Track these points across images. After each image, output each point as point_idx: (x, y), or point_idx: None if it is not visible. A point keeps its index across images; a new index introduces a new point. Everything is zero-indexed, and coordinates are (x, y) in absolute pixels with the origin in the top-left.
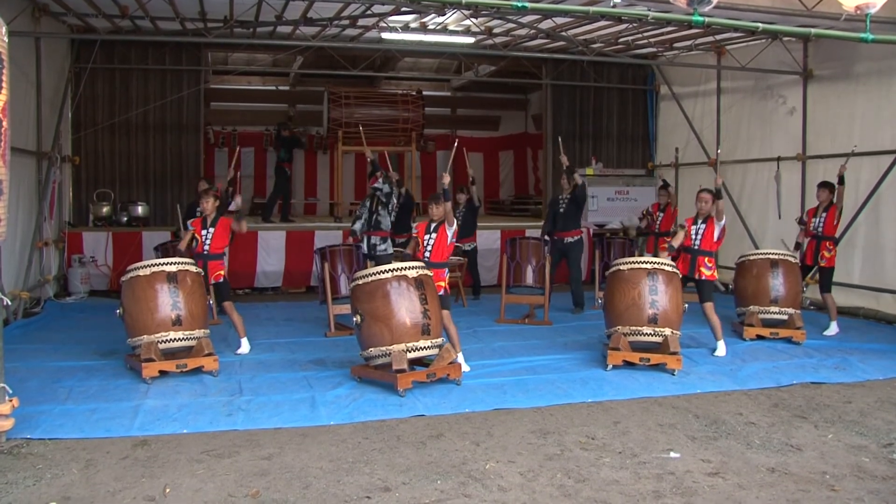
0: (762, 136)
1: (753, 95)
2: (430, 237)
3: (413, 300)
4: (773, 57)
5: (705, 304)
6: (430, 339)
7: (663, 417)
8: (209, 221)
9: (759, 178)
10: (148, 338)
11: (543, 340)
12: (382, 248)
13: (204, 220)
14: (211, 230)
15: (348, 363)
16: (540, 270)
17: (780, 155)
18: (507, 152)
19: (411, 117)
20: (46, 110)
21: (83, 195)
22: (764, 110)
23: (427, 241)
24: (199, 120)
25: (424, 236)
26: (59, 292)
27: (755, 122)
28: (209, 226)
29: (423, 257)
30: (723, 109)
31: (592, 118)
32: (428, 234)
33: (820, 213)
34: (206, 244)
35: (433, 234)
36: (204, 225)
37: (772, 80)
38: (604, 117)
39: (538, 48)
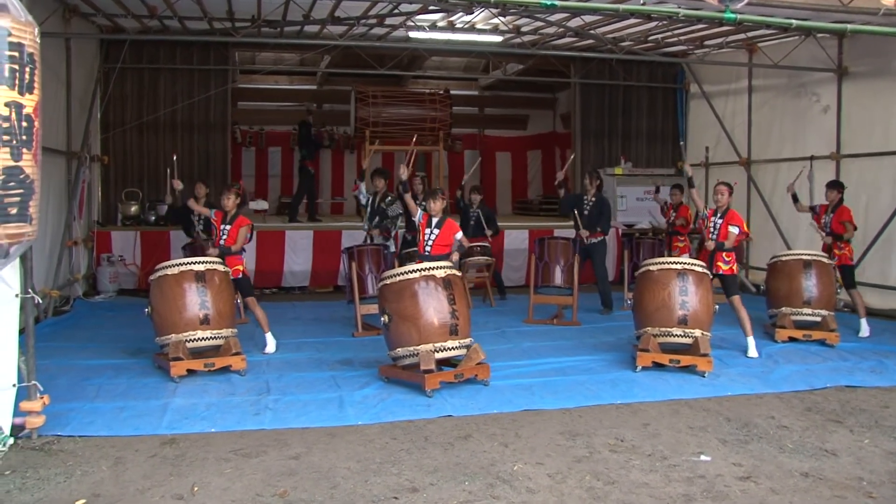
0: (795, 134)
1: (786, 93)
2: (431, 231)
3: (441, 300)
4: (806, 54)
5: (732, 299)
6: (458, 339)
7: (694, 420)
8: (229, 217)
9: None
10: (176, 336)
11: (572, 341)
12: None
13: (225, 215)
14: (228, 227)
15: (376, 363)
16: (568, 270)
17: (813, 154)
18: (535, 152)
19: (439, 116)
20: (76, 110)
21: (112, 194)
22: (797, 108)
23: (428, 235)
24: (226, 119)
25: (426, 230)
26: (88, 291)
27: (787, 121)
28: (228, 222)
29: (424, 251)
30: (754, 108)
31: (621, 117)
32: (430, 228)
33: (829, 213)
34: (223, 239)
35: (436, 230)
36: (224, 220)
37: (805, 78)
38: (633, 116)
39: (566, 46)
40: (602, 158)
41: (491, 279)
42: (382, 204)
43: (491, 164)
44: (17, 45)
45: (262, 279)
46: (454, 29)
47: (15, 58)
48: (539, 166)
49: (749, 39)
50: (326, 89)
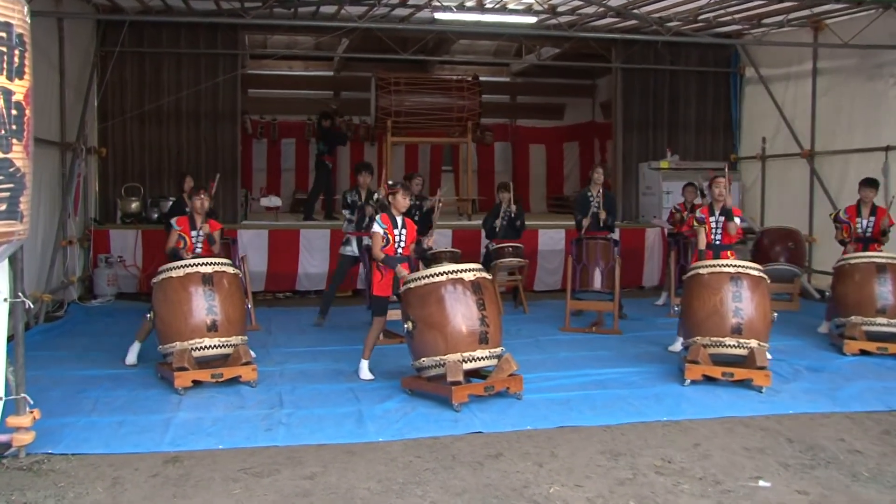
0: (868, 122)
1: (857, 76)
2: (400, 232)
3: (470, 305)
4: (883, 30)
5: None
6: (488, 348)
7: (750, 440)
8: (199, 221)
9: (862, 170)
10: (181, 345)
11: (613, 351)
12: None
13: (192, 219)
14: (203, 232)
15: (398, 374)
16: (609, 273)
17: (889, 144)
18: (572, 143)
19: (467, 105)
20: (70, 97)
21: (110, 190)
22: (871, 92)
23: (399, 236)
24: (235, 108)
25: (394, 231)
26: (84, 295)
27: (859, 107)
28: (200, 225)
29: (395, 254)
30: (819, 93)
31: (668, 105)
32: (397, 228)
33: (867, 215)
34: (198, 245)
35: (403, 230)
36: (193, 225)
37: (882, 58)
38: (680, 104)
39: (607, 28)
40: (646, 151)
41: (524, 283)
42: (371, 201)
43: (524, 157)
44: (5, 24)
45: (274, 282)
46: (483, 9)
47: (3, 39)
48: (576, 159)
49: (815, 16)
50: (344, 76)
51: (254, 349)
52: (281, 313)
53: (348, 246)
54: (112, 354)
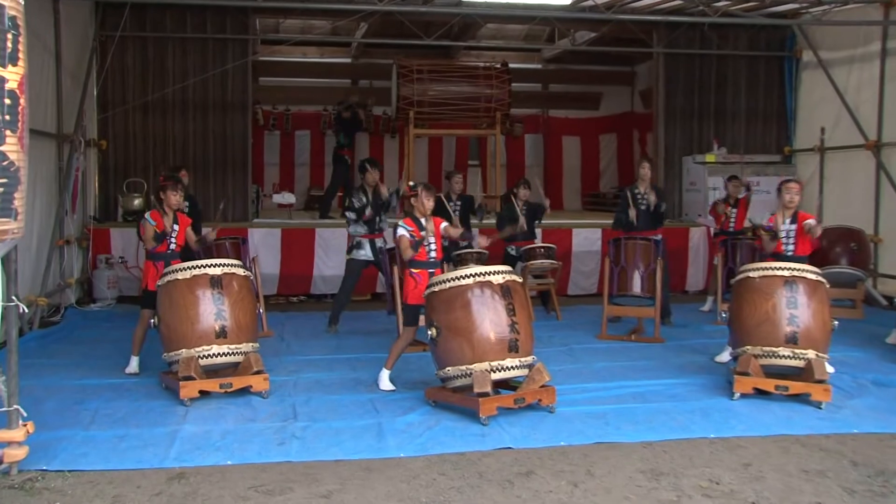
0: None
1: None
2: (428, 235)
3: (499, 311)
4: None
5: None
6: (518, 357)
7: (809, 462)
8: (172, 217)
9: None
10: (187, 352)
11: (654, 361)
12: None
13: (165, 214)
14: (175, 228)
15: (421, 384)
16: (650, 277)
17: None
18: (609, 135)
19: (495, 95)
20: (68, 86)
21: (111, 185)
22: None
23: (429, 240)
24: (246, 98)
25: (421, 234)
26: (83, 298)
27: None
28: (173, 221)
29: (428, 258)
30: (888, 77)
31: (714, 93)
32: (424, 230)
33: None
34: (173, 242)
35: (431, 230)
36: (167, 220)
37: None
38: (729, 92)
39: (648, 9)
40: (690, 143)
41: (557, 286)
42: (379, 200)
43: (556, 150)
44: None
45: (287, 285)
46: None
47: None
48: (614, 153)
49: None
50: (363, 63)
51: (265, 357)
52: (295, 318)
53: (360, 250)
54: (112, 362)
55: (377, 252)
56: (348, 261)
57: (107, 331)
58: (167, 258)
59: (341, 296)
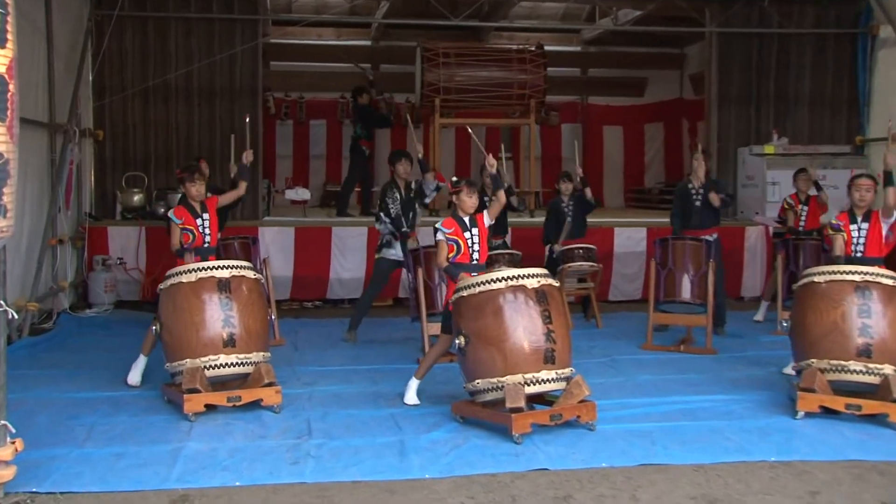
0: None
1: None
2: (472, 235)
3: (533, 318)
4: None
5: None
6: (554, 368)
7: (891, 492)
8: (199, 207)
9: None
10: (191, 362)
11: (705, 374)
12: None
13: (191, 207)
14: (206, 217)
15: (448, 398)
16: (701, 281)
17: None
18: (656, 125)
19: (529, 80)
20: (60, 70)
21: (108, 179)
22: None
23: (471, 241)
24: (256, 84)
25: (464, 235)
26: (77, 303)
27: None
28: (202, 211)
29: (471, 260)
30: None
31: (775, 77)
32: (467, 230)
33: None
34: (207, 235)
35: (474, 230)
36: (195, 212)
37: None
38: (791, 75)
39: None
40: (746, 133)
41: (597, 291)
42: (410, 194)
43: (596, 141)
44: None
45: (301, 289)
46: None
47: None
48: (660, 144)
49: None
50: (384, 46)
51: (277, 368)
52: (309, 325)
53: (390, 249)
54: (110, 373)
55: (407, 251)
56: (377, 260)
57: (104, 339)
58: (203, 253)
59: (365, 299)
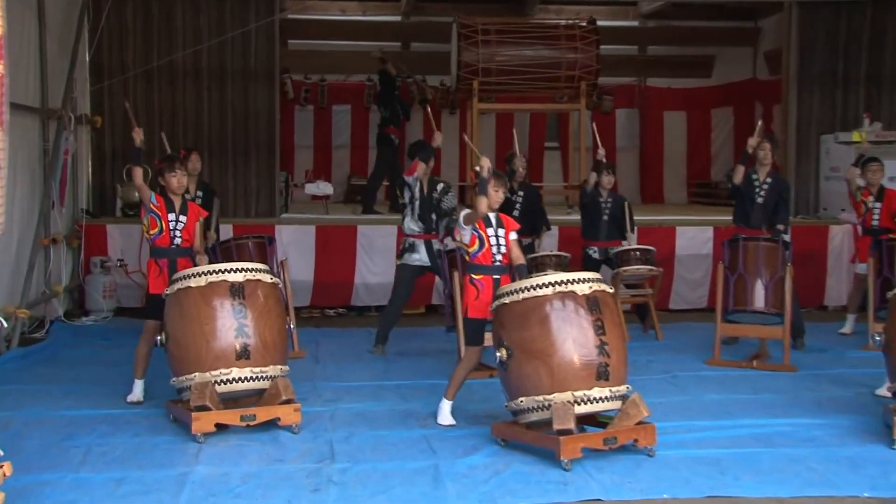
0: None
1: None
2: (497, 234)
3: (584, 328)
4: None
5: None
6: (608, 386)
7: None
8: (178, 205)
9: None
10: (201, 376)
11: (783, 395)
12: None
13: (168, 200)
14: (182, 218)
15: (488, 418)
16: (776, 287)
17: None
18: (724, 110)
19: (580, 60)
20: (54, 50)
21: (108, 171)
22: None
23: (495, 239)
24: (272, 65)
25: (488, 232)
26: (73, 310)
27: None
28: (179, 211)
29: (493, 261)
30: None
31: (866, 54)
32: (492, 227)
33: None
34: (178, 235)
35: (500, 231)
36: (171, 207)
37: None
38: (887, 52)
39: None
40: (831, 118)
41: (657, 299)
42: (434, 194)
43: (656, 128)
44: None
45: (323, 295)
46: None
47: None
48: (730, 131)
49: None
50: (415, 22)
51: (297, 383)
52: (332, 336)
53: (414, 253)
54: (109, 389)
55: (434, 255)
56: (399, 266)
57: (102, 350)
58: (171, 255)
59: (391, 309)
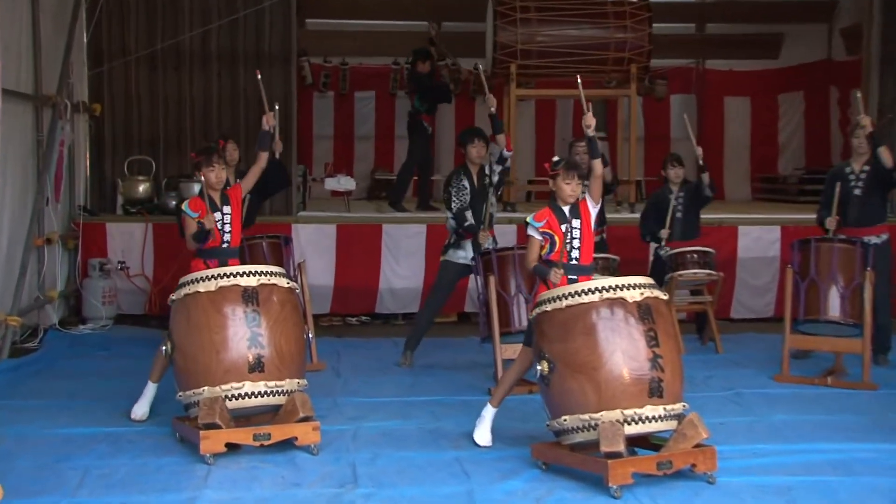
0: None
1: None
2: (571, 228)
3: (635, 339)
4: None
5: None
6: (662, 403)
7: None
8: (219, 199)
9: None
10: (210, 391)
11: (862, 416)
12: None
13: (209, 199)
14: (227, 210)
15: (527, 439)
16: (854, 295)
17: None
18: (794, 95)
19: (630, 40)
20: (48, 31)
21: (108, 164)
22: None
23: (569, 235)
24: (288, 47)
25: (560, 228)
26: (69, 317)
27: None
28: (222, 204)
29: (568, 259)
30: None
31: None
32: (565, 222)
33: None
34: (227, 234)
35: (575, 222)
36: (214, 205)
37: None
38: None
39: None
40: None
41: (716, 307)
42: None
43: (716, 116)
44: None
45: (344, 300)
46: None
47: None
48: (800, 120)
49: None
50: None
51: (316, 399)
52: (354, 346)
53: (458, 250)
54: (109, 404)
55: None
56: (442, 264)
57: (101, 361)
58: (222, 255)
59: (426, 313)
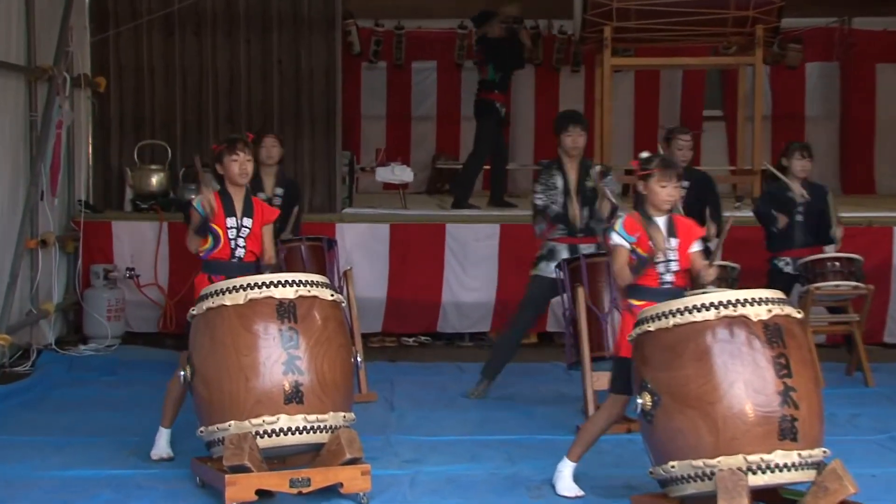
0: None
1: None
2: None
3: (761, 367)
4: None
5: None
6: (796, 448)
7: None
8: (240, 204)
9: None
10: (238, 426)
11: None
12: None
13: (226, 197)
14: (246, 221)
15: (625, 489)
16: None
17: None
18: None
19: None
20: None
21: (114, 150)
22: None
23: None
24: (332, 9)
25: (650, 245)
26: (68, 336)
27: None
28: (242, 213)
29: (660, 284)
30: None
31: None
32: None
33: None
34: (241, 247)
35: (672, 240)
36: (230, 210)
37: None
38: None
39: None
40: None
41: (864, 328)
42: (587, 181)
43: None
44: None
45: (399, 317)
46: None
47: None
48: None
49: None
50: None
51: (365, 437)
52: (412, 373)
53: (551, 263)
54: (115, 441)
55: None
56: (533, 278)
57: (106, 389)
58: (231, 271)
59: (511, 334)
